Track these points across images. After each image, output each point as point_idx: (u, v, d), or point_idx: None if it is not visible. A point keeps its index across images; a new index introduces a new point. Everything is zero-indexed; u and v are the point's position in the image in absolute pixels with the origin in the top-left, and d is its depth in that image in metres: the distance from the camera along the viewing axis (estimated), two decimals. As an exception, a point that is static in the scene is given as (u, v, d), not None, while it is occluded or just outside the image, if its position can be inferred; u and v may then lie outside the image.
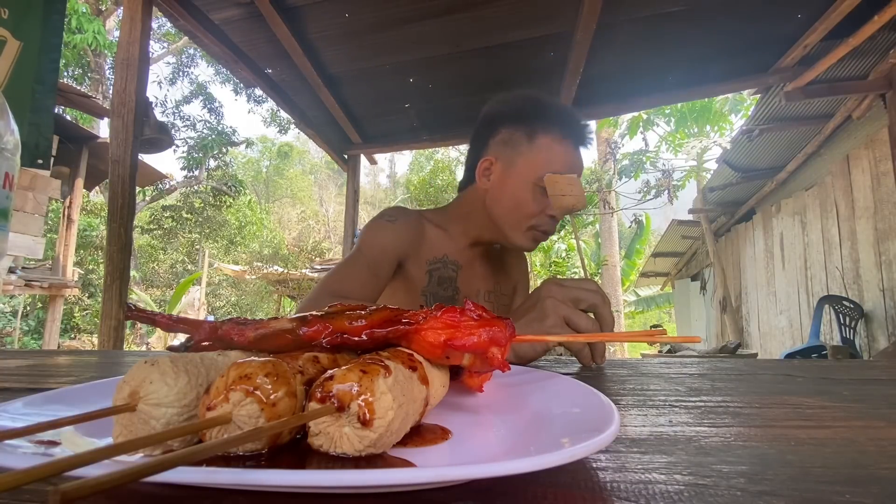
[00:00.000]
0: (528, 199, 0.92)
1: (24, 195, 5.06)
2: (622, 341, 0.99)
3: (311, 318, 0.31)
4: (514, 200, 0.93)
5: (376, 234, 0.97)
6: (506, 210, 0.95)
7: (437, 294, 1.00)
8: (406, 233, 0.99)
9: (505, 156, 0.95)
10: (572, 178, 0.90)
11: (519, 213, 0.94)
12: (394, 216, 1.00)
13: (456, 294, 1.02)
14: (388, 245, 0.96)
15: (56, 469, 0.13)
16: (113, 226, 2.03)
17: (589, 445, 0.20)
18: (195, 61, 13.68)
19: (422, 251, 1.01)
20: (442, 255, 1.03)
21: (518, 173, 0.93)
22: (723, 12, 2.45)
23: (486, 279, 1.09)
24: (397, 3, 2.37)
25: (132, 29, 2.13)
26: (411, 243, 1.00)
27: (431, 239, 1.03)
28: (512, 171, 0.94)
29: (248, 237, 15.39)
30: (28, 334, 9.17)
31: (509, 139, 0.95)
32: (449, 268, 1.02)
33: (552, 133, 0.92)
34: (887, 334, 3.82)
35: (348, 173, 4.33)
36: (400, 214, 1.01)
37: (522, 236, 0.95)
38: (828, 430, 0.31)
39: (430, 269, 1.01)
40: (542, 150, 0.92)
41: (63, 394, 0.32)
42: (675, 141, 9.36)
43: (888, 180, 3.65)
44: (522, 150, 0.93)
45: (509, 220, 0.95)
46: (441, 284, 1.01)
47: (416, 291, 1.00)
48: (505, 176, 0.95)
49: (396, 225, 0.99)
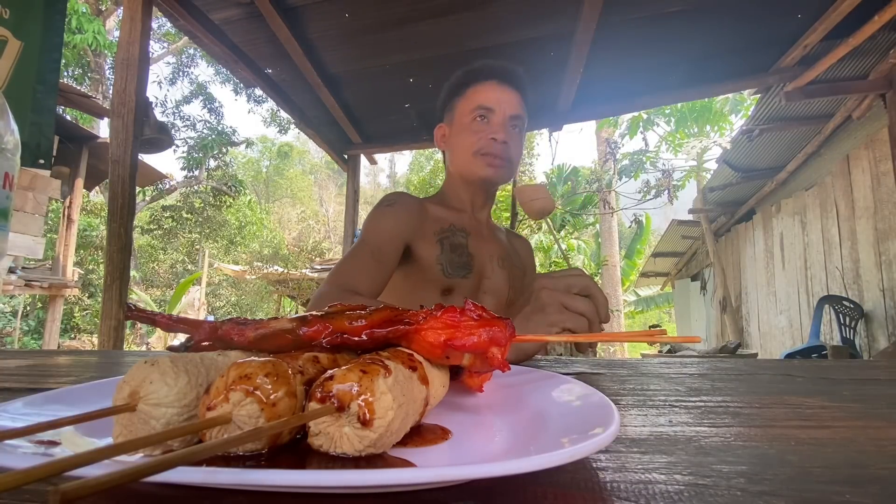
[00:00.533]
0: (467, 135, 1.05)
1: (24, 195, 5.06)
2: (622, 341, 0.99)
3: (311, 318, 0.31)
4: (459, 143, 1.06)
5: (378, 221, 0.99)
6: (458, 155, 1.07)
7: (452, 261, 1.01)
8: (407, 213, 1.01)
9: (447, 118, 1.11)
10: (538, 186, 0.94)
11: (465, 148, 1.05)
12: (392, 200, 1.03)
13: (470, 260, 1.04)
14: (391, 229, 0.98)
15: (56, 469, 0.13)
16: (113, 226, 2.03)
17: (589, 445, 0.20)
18: (195, 61, 13.67)
19: (426, 227, 1.03)
20: (448, 224, 1.06)
21: (456, 123, 1.07)
22: (723, 12, 2.45)
23: (497, 246, 1.13)
24: (397, 3, 2.37)
25: (132, 29, 2.13)
26: (414, 223, 1.01)
27: (434, 215, 1.06)
28: (454, 125, 1.08)
29: (248, 237, 15.39)
30: (28, 334, 9.17)
31: (451, 106, 1.09)
32: (458, 235, 1.05)
33: (475, 82, 1.06)
34: (887, 334, 3.82)
35: (348, 173, 4.33)
36: (398, 197, 1.04)
37: (477, 165, 1.04)
38: (828, 430, 0.31)
39: (440, 238, 1.03)
40: (470, 96, 1.06)
41: (63, 394, 0.32)
42: (675, 141, 9.36)
43: (888, 180, 3.65)
44: (456, 105, 1.08)
45: (463, 161, 1.06)
46: (454, 251, 1.03)
47: (429, 265, 1.00)
48: (451, 133, 1.09)
49: (396, 208, 1.01)
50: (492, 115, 1.04)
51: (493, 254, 1.10)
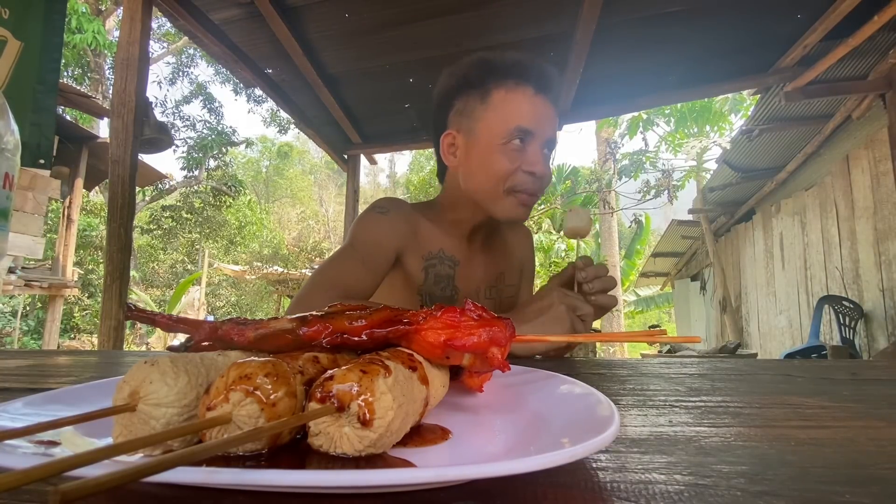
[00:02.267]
0: (497, 160, 0.84)
1: (24, 195, 5.06)
2: (622, 341, 0.99)
3: (311, 318, 0.31)
4: (484, 168, 0.86)
5: (369, 228, 0.90)
6: (480, 181, 0.87)
7: (433, 293, 0.94)
8: (401, 224, 0.91)
9: (464, 126, 0.88)
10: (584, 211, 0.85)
11: (493, 179, 0.85)
12: (385, 207, 0.92)
13: (454, 293, 0.95)
14: (382, 239, 0.88)
15: (56, 469, 0.13)
16: (113, 226, 2.03)
17: (589, 445, 0.20)
18: (195, 61, 13.67)
19: (417, 245, 0.93)
20: (438, 249, 0.94)
21: (481, 138, 0.85)
22: (723, 12, 2.45)
23: (487, 273, 1.02)
24: (397, 3, 2.37)
25: (132, 29, 2.13)
26: (406, 236, 0.92)
27: (425, 233, 0.94)
28: (474, 138, 0.86)
29: (248, 237, 15.39)
30: (28, 334, 9.16)
31: (464, 108, 0.88)
32: (446, 264, 0.94)
33: (505, 84, 0.84)
34: (887, 334, 3.82)
35: (348, 173, 4.33)
36: (392, 206, 0.94)
37: (506, 204, 0.86)
38: (828, 430, 0.31)
39: (426, 265, 0.93)
40: (499, 106, 0.84)
41: (63, 394, 0.32)
42: (674, 141, 9.36)
43: (888, 180, 3.65)
44: (479, 114, 0.86)
45: (486, 191, 0.87)
46: (438, 283, 0.94)
47: (412, 289, 0.93)
48: (469, 146, 0.88)
49: (390, 216, 0.91)
50: (529, 140, 0.84)
51: (482, 283, 1.01)
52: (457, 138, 0.90)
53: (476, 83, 0.87)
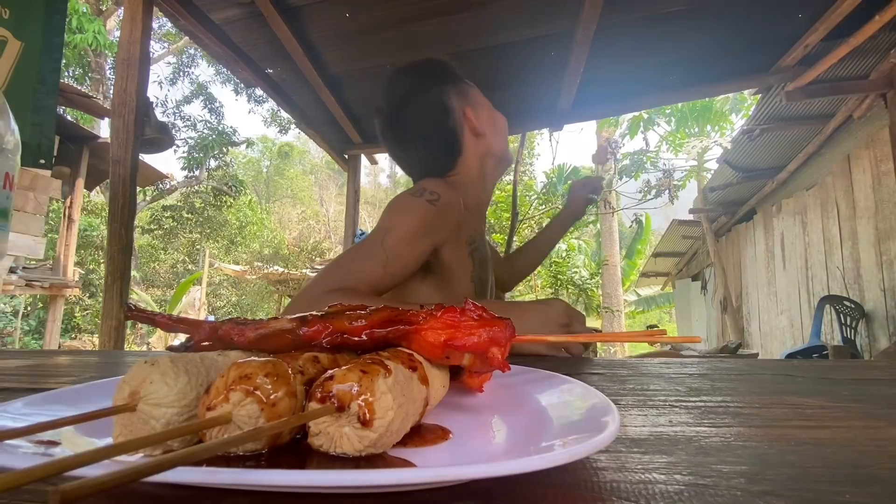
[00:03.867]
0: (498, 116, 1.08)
1: (25, 195, 5.06)
2: (622, 341, 0.99)
3: (311, 318, 0.31)
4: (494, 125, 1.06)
5: (412, 219, 0.81)
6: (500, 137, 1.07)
7: (482, 280, 0.92)
8: (450, 216, 0.84)
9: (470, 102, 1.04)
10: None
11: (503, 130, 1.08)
12: (435, 194, 0.84)
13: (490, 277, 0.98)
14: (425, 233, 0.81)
15: (56, 469, 0.13)
16: (113, 226, 2.03)
17: (589, 445, 0.20)
18: (196, 61, 13.69)
19: (460, 231, 0.89)
20: (473, 231, 0.94)
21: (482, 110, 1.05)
22: (723, 12, 2.45)
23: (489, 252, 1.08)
24: (397, 3, 2.37)
25: (133, 29, 2.12)
26: (452, 227, 0.86)
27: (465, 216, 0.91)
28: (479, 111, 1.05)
29: (249, 237, 15.40)
30: (28, 334, 9.17)
31: (461, 91, 1.04)
32: (481, 247, 0.96)
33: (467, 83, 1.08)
34: (888, 334, 3.81)
35: (349, 173, 4.32)
36: (442, 191, 0.86)
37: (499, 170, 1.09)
38: (828, 430, 0.31)
39: (470, 250, 0.91)
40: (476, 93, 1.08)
41: (63, 394, 0.32)
42: (675, 141, 9.36)
43: (889, 180, 3.64)
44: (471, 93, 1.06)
45: (500, 144, 1.06)
46: (482, 266, 0.93)
47: (462, 279, 0.89)
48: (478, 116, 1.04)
49: (440, 207, 0.83)
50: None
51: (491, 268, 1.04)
52: (471, 112, 1.03)
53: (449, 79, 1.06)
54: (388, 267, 0.77)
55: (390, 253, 0.77)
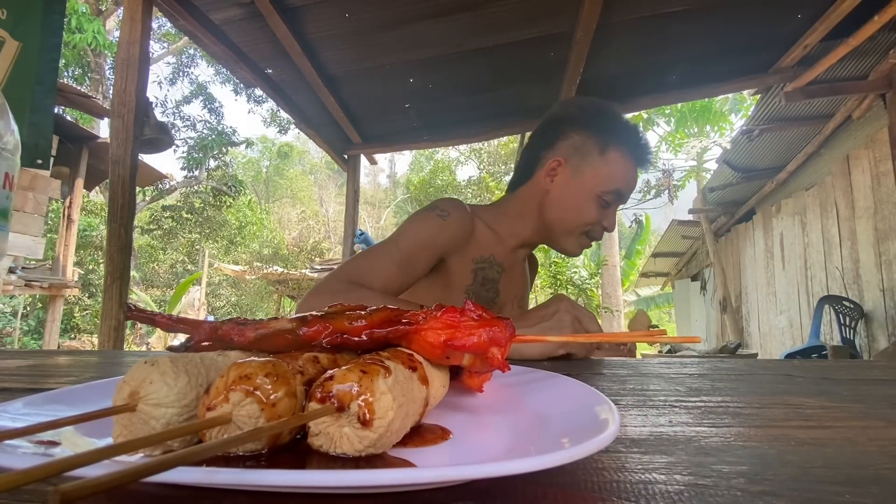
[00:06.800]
0: (590, 207, 0.95)
1: (24, 195, 5.06)
2: (622, 341, 0.99)
3: (311, 318, 0.31)
4: (575, 206, 0.96)
5: (423, 229, 0.92)
6: (565, 214, 0.97)
7: (479, 294, 0.98)
8: (457, 230, 0.95)
9: (574, 161, 0.96)
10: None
11: (578, 219, 0.96)
12: (446, 211, 0.95)
13: (496, 297, 1.00)
14: (433, 241, 0.92)
15: (56, 469, 0.13)
16: (113, 226, 2.03)
17: (589, 445, 0.20)
18: (195, 61, 13.68)
19: (469, 249, 0.98)
20: (489, 254, 1.00)
21: (585, 181, 0.95)
22: (723, 12, 2.45)
23: (521, 284, 1.10)
24: (397, 3, 2.37)
25: (132, 29, 2.12)
26: (459, 241, 0.96)
27: (480, 237, 0.99)
28: (579, 177, 0.96)
29: (248, 237, 15.39)
30: (28, 334, 9.17)
31: (581, 145, 0.96)
32: (494, 269, 1.00)
33: (622, 150, 0.95)
34: (887, 334, 3.82)
35: (348, 173, 4.32)
36: (453, 209, 0.96)
37: (574, 241, 0.99)
38: (828, 430, 0.31)
39: (476, 267, 0.98)
40: (611, 165, 0.95)
41: (63, 394, 0.32)
42: (675, 141, 9.37)
43: (888, 180, 3.65)
44: (593, 160, 0.95)
45: (566, 224, 0.98)
46: (484, 285, 0.99)
47: (457, 288, 0.97)
48: (571, 180, 0.96)
49: (448, 222, 0.94)
50: (615, 202, 0.98)
51: (517, 295, 1.07)
52: (562, 166, 0.97)
53: (599, 130, 0.96)
54: (401, 265, 0.87)
55: (403, 253, 0.88)
